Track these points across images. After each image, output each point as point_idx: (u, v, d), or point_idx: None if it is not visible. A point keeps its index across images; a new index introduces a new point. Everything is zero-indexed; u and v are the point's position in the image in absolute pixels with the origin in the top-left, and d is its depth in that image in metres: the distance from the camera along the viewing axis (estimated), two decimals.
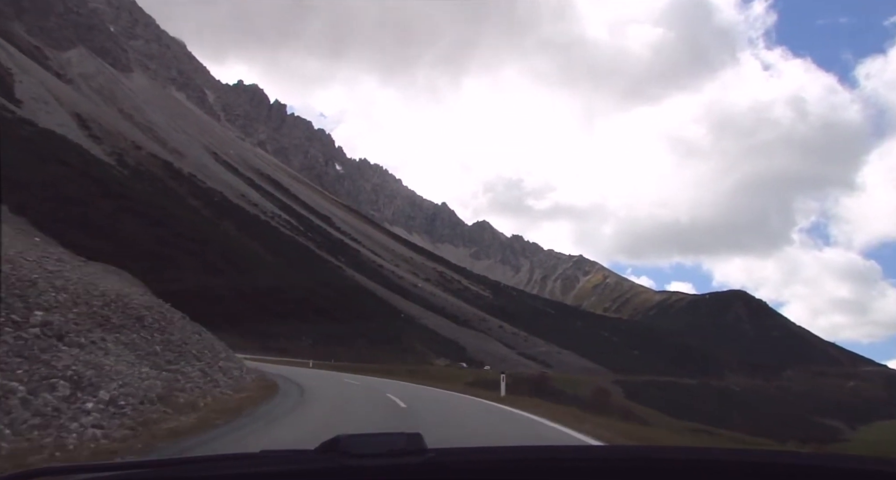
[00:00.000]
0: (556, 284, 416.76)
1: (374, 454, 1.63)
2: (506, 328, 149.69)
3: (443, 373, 47.66)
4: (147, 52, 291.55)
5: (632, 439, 10.97)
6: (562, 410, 16.68)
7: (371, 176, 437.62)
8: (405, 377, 37.29)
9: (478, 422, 13.62)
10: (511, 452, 1.86)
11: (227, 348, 18.81)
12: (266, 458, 1.74)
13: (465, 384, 34.40)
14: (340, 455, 1.61)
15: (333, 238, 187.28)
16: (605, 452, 2.29)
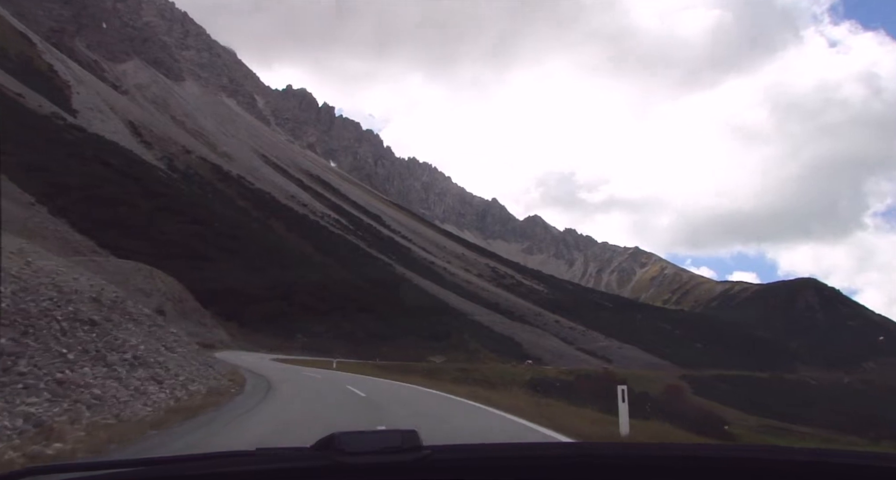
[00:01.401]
0: (611, 277, 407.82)
1: (370, 451, 1.62)
2: (562, 322, 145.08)
3: (497, 372, 43.91)
4: (198, 62, 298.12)
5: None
6: None
7: (420, 174, 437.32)
8: (453, 383, 31.06)
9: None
10: (507, 449, 1.87)
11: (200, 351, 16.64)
12: (261, 456, 1.74)
13: (525, 389, 30.94)
14: (336, 452, 1.60)
15: (384, 236, 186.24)
16: (604, 449, 2.23)
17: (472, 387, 20.89)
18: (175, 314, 38.04)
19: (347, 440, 1.65)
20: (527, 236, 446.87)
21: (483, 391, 17.75)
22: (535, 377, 37.68)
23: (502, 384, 37.92)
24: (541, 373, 41.32)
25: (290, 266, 70.32)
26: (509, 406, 13.23)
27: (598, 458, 1.83)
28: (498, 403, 13.61)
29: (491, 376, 39.72)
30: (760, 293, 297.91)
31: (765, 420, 53.70)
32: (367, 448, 1.62)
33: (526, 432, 9.71)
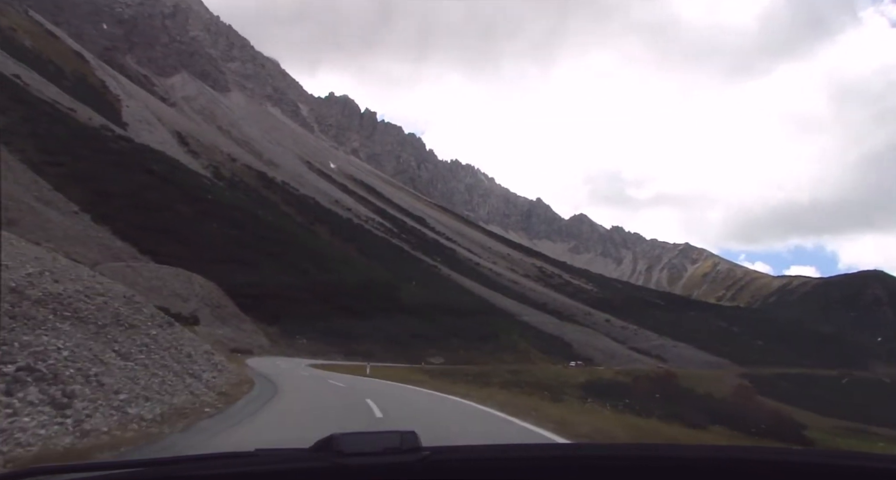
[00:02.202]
0: (661, 274, 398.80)
1: (369, 452, 1.61)
2: (613, 321, 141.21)
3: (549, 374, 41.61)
4: (243, 73, 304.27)
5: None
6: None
7: (463, 176, 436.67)
8: (505, 390, 27.55)
9: None
10: (507, 450, 1.84)
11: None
12: (260, 457, 1.73)
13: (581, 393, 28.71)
14: (335, 453, 1.60)
15: (428, 238, 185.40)
16: (605, 449, 2.26)
17: (529, 398, 17.65)
18: (213, 319, 37.27)
19: (346, 441, 1.64)
20: (573, 235, 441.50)
21: (549, 407, 14.26)
22: (590, 379, 35.36)
23: (556, 386, 35.81)
24: (596, 375, 38.94)
25: (333, 269, 69.44)
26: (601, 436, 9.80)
27: (598, 459, 1.83)
28: (578, 429, 9.98)
29: (543, 378, 37.64)
30: (821, 288, 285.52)
31: (840, 422, 50.00)
32: (366, 449, 1.62)
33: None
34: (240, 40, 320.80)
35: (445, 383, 27.20)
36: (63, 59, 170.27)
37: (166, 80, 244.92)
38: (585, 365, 63.68)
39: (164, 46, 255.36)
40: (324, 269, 67.40)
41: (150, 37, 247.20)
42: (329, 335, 54.00)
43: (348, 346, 53.79)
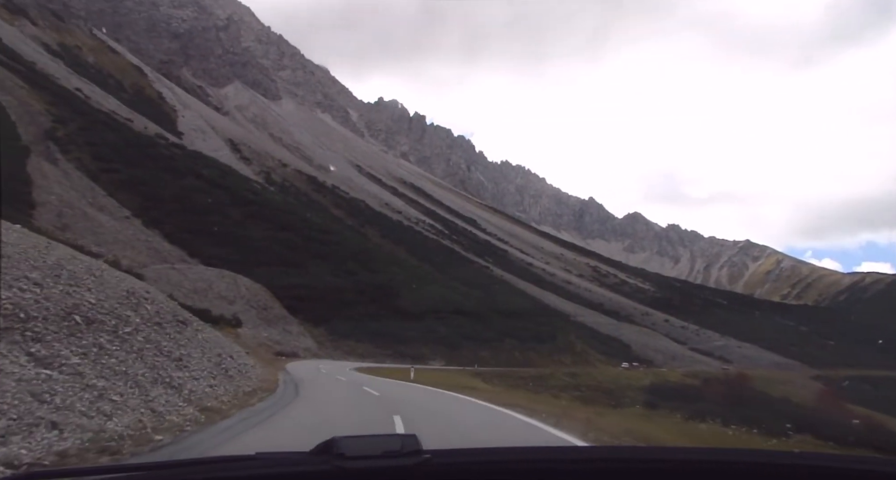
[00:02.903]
0: (721, 272, 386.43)
1: (370, 456, 1.61)
2: (672, 321, 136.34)
3: (609, 377, 39.20)
4: (294, 80, 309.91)
5: None
6: None
7: (514, 177, 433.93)
8: (565, 395, 25.09)
9: None
10: (508, 453, 1.84)
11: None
12: (260, 460, 1.73)
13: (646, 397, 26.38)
14: (335, 456, 1.60)
15: (479, 240, 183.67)
16: (606, 452, 2.26)
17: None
18: (258, 322, 36.52)
19: (347, 444, 1.64)
20: (627, 234, 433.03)
21: (634, 422, 12.08)
22: (654, 382, 32.95)
23: (617, 390, 33.54)
24: (660, 377, 36.41)
25: (382, 270, 68.39)
26: None
27: (603, 462, 1.81)
28: None
29: (603, 381, 35.43)
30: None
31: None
32: (367, 453, 1.62)
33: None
34: (290, 49, 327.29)
35: (502, 389, 24.80)
36: (123, 73, 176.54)
37: (220, 90, 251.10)
38: (643, 367, 60.61)
39: (217, 58, 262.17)
40: (373, 270, 66.41)
41: (204, 49, 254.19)
42: (378, 336, 52.75)
43: (397, 348, 52.43)
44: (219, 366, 12.32)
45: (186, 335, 11.76)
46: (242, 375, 13.68)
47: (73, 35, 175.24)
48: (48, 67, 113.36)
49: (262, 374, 16.92)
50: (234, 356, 14.47)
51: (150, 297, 11.49)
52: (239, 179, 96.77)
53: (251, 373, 15.00)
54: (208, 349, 12.90)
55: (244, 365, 14.45)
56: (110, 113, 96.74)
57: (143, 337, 9.72)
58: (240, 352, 17.48)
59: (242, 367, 13.94)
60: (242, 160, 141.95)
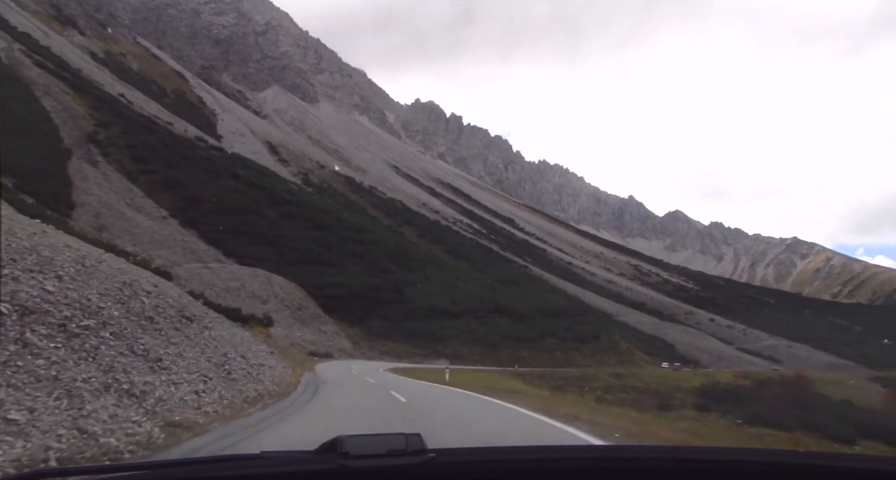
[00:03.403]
0: (767, 270, 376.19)
1: (374, 454, 1.62)
2: (718, 321, 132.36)
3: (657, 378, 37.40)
4: (331, 84, 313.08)
5: None
6: None
7: (552, 176, 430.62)
8: (612, 399, 23.25)
9: None
10: (512, 452, 1.84)
11: None
12: (265, 459, 1.74)
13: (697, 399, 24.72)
14: (340, 455, 1.60)
15: (517, 239, 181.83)
16: (610, 452, 2.26)
17: (640, 412, 13.88)
18: (292, 321, 35.90)
19: (352, 443, 1.64)
20: (668, 232, 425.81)
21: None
22: (705, 383, 31.15)
23: (665, 392, 31.84)
24: (710, 378, 34.54)
25: (419, 269, 67.43)
26: None
27: (613, 461, 1.81)
28: None
29: (651, 382, 33.76)
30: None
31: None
32: (372, 452, 1.62)
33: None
34: (328, 53, 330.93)
35: (548, 393, 22.55)
36: (165, 79, 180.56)
37: (259, 94, 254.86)
38: (691, 367, 58.22)
39: (256, 63, 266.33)
40: (409, 269, 65.45)
41: (244, 54, 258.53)
42: (414, 336, 51.73)
43: (434, 348, 51.30)
44: (220, 367, 10.95)
45: (187, 333, 10.67)
46: (252, 378, 12.23)
47: (119, 43, 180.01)
48: (93, 73, 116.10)
49: (282, 376, 15.46)
50: (249, 357, 13.23)
51: (156, 291, 10.56)
52: (276, 179, 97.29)
53: (265, 375, 13.47)
54: (212, 348, 11.62)
55: (259, 366, 13.16)
56: (151, 117, 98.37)
57: (110, 333, 8.29)
58: (259, 352, 16.25)
59: (256, 369, 12.62)
60: (280, 162, 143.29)
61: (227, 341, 13.27)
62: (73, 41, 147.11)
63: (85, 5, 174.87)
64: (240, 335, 16.24)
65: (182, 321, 10.51)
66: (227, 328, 14.65)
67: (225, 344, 12.71)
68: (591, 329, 65.56)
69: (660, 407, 29.43)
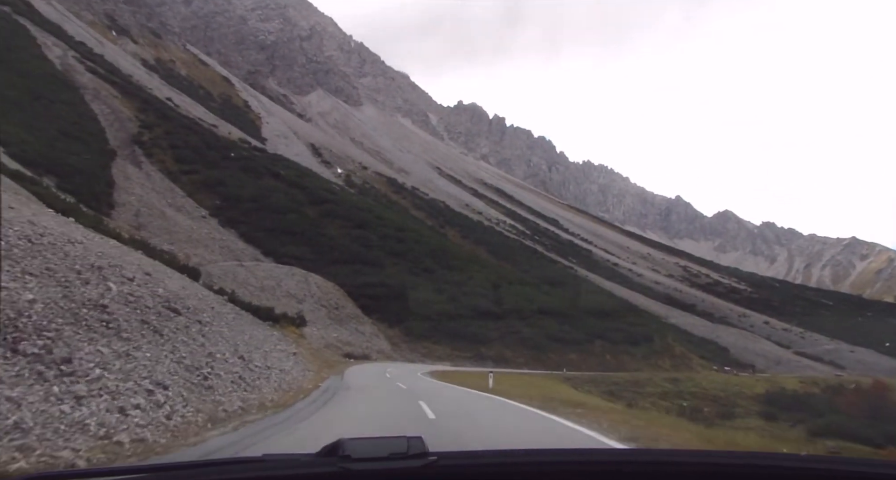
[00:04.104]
0: (823, 272, 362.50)
1: (376, 457, 1.62)
2: (773, 324, 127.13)
3: (716, 384, 34.90)
4: (375, 87, 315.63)
5: None
6: None
7: (596, 177, 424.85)
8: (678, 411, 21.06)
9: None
10: (515, 455, 1.83)
11: None
12: (268, 462, 1.74)
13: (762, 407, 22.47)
14: (342, 458, 1.61)
15: (562, 240, 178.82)
16: (614, 455, 2.24)
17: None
18: (329, 321, 34.77)
19: (354, 446, 1.64)
20: (717, 233, 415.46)
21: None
22: (770, 390, 28.67)
23: (726, 399, 29.51)
24: (775, 384, 31.96)
25: (461, 268, 65.73)
26: None
27: (613, 465, 1.78)
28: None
29: (709, 388, 31.38)
30: None
31: None
32: (374, 455, 1.62)
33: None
34: (371, 56, 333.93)
35: (620, 407, 19.69)
36: (212, 84, 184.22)
37: (303, 97, 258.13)
38: (749, 372, 55.01)
39: (301, 67, 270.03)
40: (451, 268, 63.77)
41: (289, 59, 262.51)
42: (457, 337, 50.04)
43: (477, 349, 49.52)
44: (194, 372, 8.91)
45: (161, 327, 8.94)
46: (245, 384, 10.05)
47: (168, 50, 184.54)
48: (143, 79, 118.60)
49: (296, 381, 13.46)
50: (253, 358, 11.39)
51: (143, 280, 9.10)
52: (316, 179, 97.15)
53: (270, 381, 11.33)
54: (195, 347, 9.69)
55: (264, 370, 11.25)
56: (196, 119, 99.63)
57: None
58: (274, 353, 14.56)
59: (258, 373, 10.64)
60: (323, 164, 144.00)
61: (228, 339, 11.50)
62: (126, 49, 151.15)
63: (138, 15, 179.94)
64: (254, 333, 14.73)
65: (163, 315, 9.04)
66: (237, 325, 13.04)
67: (220, 342, 10.83)
68: (641, 331, 62.66)
69: (721, 416, 27.15)
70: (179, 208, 53.65)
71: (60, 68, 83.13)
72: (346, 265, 53.94)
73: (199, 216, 54.33)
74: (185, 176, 64.03)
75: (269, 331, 17.53)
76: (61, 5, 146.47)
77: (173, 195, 56.67)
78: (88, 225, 22.75)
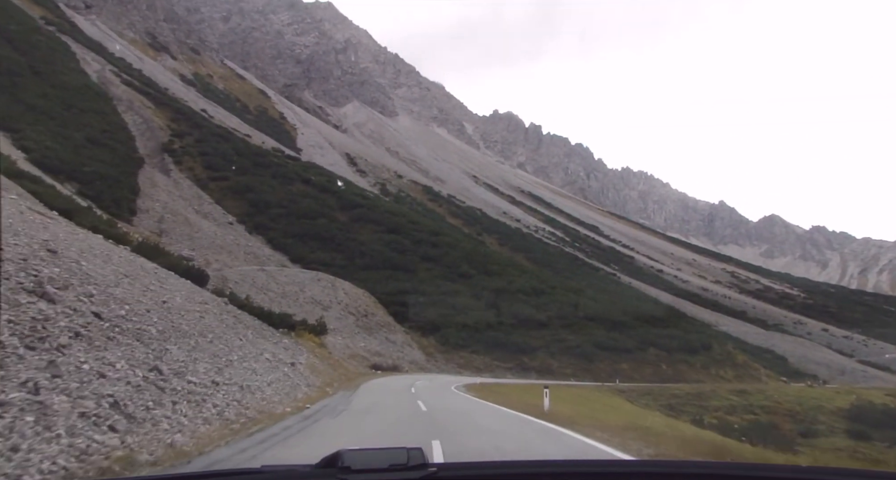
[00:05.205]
0: (881, 277, 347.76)
1: (376, 469, 1.61)
2: (833, 331, 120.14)
3: (791, 396, 31.00)
4: (410, 97, 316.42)
5: None
6: None
7: (636, 183, 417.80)
8: None
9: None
10: (517, 466, 1.83)
11: None
12: (266, 474, 1.73)
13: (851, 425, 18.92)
14: (341, 470, 1.60)
15: (603, 246, 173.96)
16: (621, 466, 2.24)
17: None
18: (356, 330, 32.16)
19: (353, 457, 1.63)
20: (763, 238, 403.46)
21: None
22: (855, 404, 24.90)
23: (804, 413, 25.83)
24: (859, 398, 28.07)
25: (500, 273, 62.27)
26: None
27: (620, 476, 1.75)
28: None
29: (782, 401, 27.71)
30: None
31: None
32: (373, 466, 1.60)
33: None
34: (406, 67, 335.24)
35: (657, 410, 17.65)
36: (248, 97, 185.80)
37: (339, 109, 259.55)
38: (819, 383, 50.53)
39: (336, 79, 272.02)
40: (490, 273, 60.42)
41: (324, 72, 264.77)
42: (497, 346, 46.64)
43: (520, 359, 46.04)
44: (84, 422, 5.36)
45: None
46: (143, 420, 6.57)
47: (206, 65, 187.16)
48: (179, 92, 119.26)
49: (268, 402, 10.23)
50: (183, 370, 8.20)
51: (62, 277, 6.45)
52: (347, 184, 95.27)
53: (190, 406, 7.73)
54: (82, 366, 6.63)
55: (196, 387, 8.08)
56: (230, 129, 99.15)
57: None
58: (241, 362, 11.47)
59: (175, 393, 7.39)
60: (358, 173, 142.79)
61: (154, 347, 8.31)
62: (165, 65, 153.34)
63: (178, 32, 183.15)
64: (233, 341, 11.99)
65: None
66: (221, 332, 10.18)
67: (142, 354, 7.78)
68: (699, 338, 58.15)
69: (802, 434, 23.52)
70: (206, 215, 52.10)
71: (96, 80, 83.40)
72: (377, 271, 51.43)
73: (225, 223, 52.66)
74: (214, 183, 62.64)
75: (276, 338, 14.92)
76: (104, 25, 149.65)
77: (200, 202, 55.24)
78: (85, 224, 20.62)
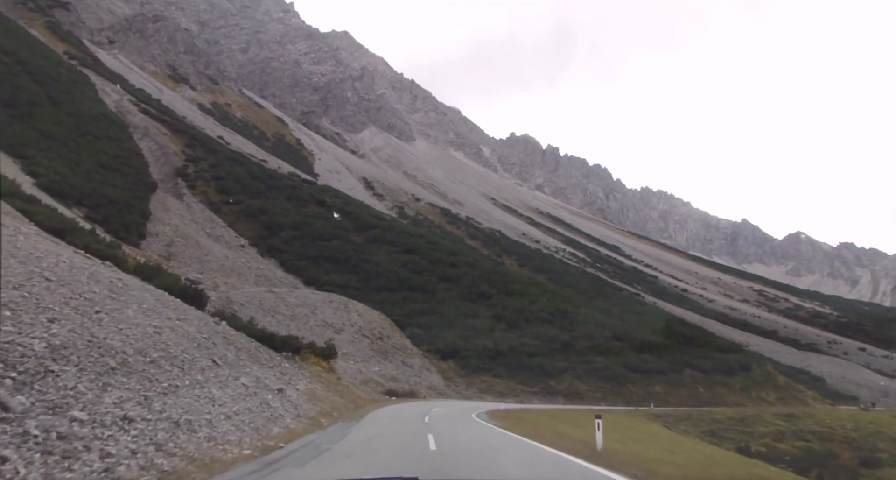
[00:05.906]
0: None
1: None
2: (871, 350, 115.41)
3: (846, 422, 28.40)
4: (426, 122, 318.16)
5: None
6: None
7: (656, 203, 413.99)
8: None
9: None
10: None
11: None
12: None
13: None
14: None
15: (626, 266, 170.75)
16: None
17: None
18: (370, 353, 30.33)
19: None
20: (789, 256, 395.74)
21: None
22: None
23: (862, 439, 23.35)
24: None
25: (521, 293, 60.04)
26: None
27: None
28: None
29: (836, 426, 25.29)
30: None
31: None
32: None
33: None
34: (422, 93, 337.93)
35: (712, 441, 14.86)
36: (266, 124, 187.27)
37: (356, 135, 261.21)
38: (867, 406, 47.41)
39: (353, 106, 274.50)
40: (510, 293, 58.25)
41: (341, 99, 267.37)
42: (520, 369, 44.22)
43: (546, 383, 43.56)
44: None
45: None
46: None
47: (225, 95, 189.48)
48: (197, 120, 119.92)
49: (214, 443, 8.20)
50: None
51: None
52: (363, 206, 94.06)
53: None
54: None
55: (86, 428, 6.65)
56: (247, 155, 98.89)
57: None
58: (188, 390, 9.23)
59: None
60: (375, 197, 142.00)
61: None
62: (184, 96, 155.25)
63: (197, 64, 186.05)
64: (194, 360, 10.22)
65: None
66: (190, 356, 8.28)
67: None
68: (737, 359, 55.13)
69: (862, 463, 21.05)
70: (218, 238, 51.02)
71: (113, 109, 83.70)
72: (393, 293, 49.69)
73: (237, 246, 51.49)
74: (227, 206, 61.79)
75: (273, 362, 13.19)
76: (126, 58, 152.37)
77: (213, 225, 54.27)
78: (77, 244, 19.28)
